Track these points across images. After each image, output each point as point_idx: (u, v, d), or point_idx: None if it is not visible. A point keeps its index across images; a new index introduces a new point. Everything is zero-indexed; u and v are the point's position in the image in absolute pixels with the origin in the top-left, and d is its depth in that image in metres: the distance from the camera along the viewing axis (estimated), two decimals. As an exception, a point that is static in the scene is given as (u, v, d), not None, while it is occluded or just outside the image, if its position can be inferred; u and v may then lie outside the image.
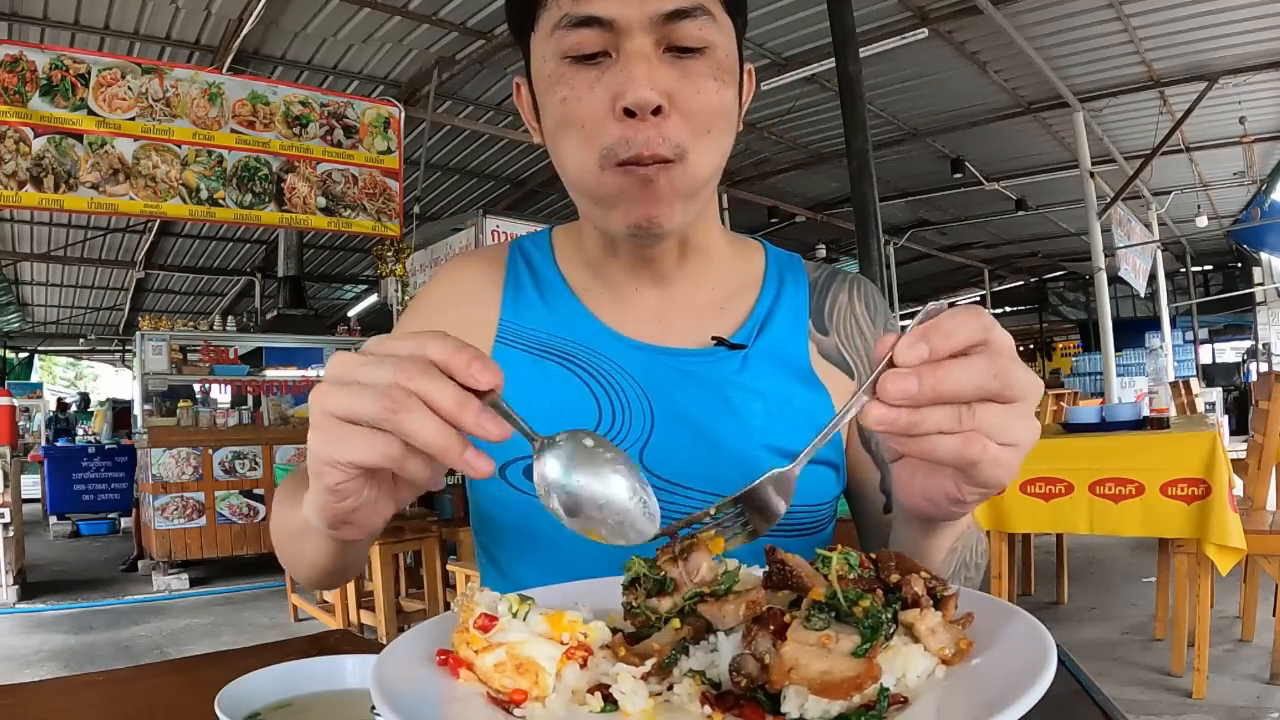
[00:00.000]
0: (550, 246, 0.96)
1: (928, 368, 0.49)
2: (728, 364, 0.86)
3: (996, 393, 0.50)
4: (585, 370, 0.85)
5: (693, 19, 0.72)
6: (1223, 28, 6.67)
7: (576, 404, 0.83)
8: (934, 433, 0.50)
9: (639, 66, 0.71)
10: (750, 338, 0.88)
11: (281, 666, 0.58)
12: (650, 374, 0.85)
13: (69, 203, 4.81)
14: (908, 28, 6.27)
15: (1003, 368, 0.50)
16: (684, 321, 0.88)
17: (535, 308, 0.90)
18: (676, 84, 0.72)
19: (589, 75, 0.73)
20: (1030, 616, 0.48)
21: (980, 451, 0.51)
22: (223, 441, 6.42)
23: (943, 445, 0.51)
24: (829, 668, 0.41)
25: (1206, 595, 2.84)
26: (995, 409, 0.51)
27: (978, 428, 0.51)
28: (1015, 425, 0.52)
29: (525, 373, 0.85)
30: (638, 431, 0.83)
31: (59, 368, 24.91)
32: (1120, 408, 3.62)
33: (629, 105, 0.70)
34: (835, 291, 0.95)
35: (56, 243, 10.61)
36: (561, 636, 0.49)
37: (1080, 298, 18.63)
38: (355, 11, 5.80)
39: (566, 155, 0.77)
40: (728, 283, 0.91)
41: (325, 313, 13.55)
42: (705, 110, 0.74)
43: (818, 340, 0.91)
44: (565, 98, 0.74)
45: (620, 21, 0.71)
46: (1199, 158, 9.93)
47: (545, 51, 0.76)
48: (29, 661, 4.30)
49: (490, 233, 6.27)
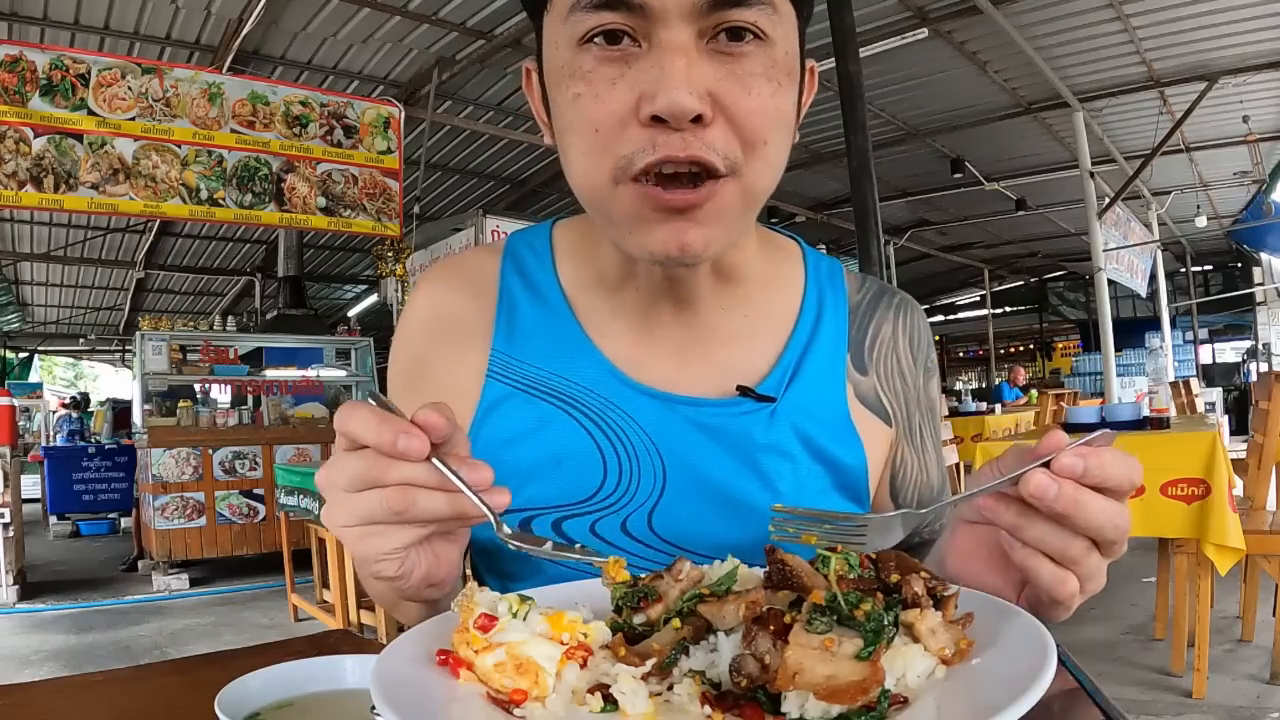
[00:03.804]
0: (551, 252, 0.81)
1: (1071, 485, 0.49)
2: (754, 420, 0.74)
3: (1106, 544, 0.51)
4: (590, 418, 0.74)
5: (747, 7, 0.58)
6: (1223, 28, 6.67)
7: (579, 457, 0.74)
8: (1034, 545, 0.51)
9: (675, 62, 0.56)
10: (781, 387, 0.76)
11: (281, 666, 0.58)
12: (664, 427, 0.74)
13: (69, 203, 4.81)
14: (908, 28, 6.27)
15: (1126, 525, 0.51)
16: (706, 360, 0.76)
17: (532, 337, 0.77)
18: (723, 84, 0.58)
19: (611, 69, 0.59)
20: (1030, 616, 0.48)
21: (1069, 595, 0.51)
22: (223, 441, 6.42)
23: (1043, 570, 0.51)
24: (833, 672, 0.41)
25: (1206, 595, 2.84)
26: (1098, 559, 0.51)
27: (1076, 567, 0.51)
28: (1099, 575, 0.52)
29: (522, 417, 0.75)
30: (646, 492, 0.73)
31: (59, 368, 24.91)
32: (1120, 408, 3.63)
33: (660, 112, 0.56)
34: (879, 322, 0.83)
35: (56, 243, 10.61)
36: (561, 636, 0.49)
37: (1080, 298, 18.63)
38: (355, 11, 5.80)
39: (574, 166, 0.63)
40: (761, 309, 0.79)
41: (325, 313, 13.55)
42: (759, 116, 0.60)
43: (855, 381, 0.80)
44: (579, 94, 0.60)
45: (655, 4, 0.57)
46: (1199, 158, 9.93)
47: (559, 36, 0.61)
48: (29, 661, 4.29)
49: (490, 232, 6.27)
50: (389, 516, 0.50)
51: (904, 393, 0.82)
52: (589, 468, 0.74)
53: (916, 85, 7.57)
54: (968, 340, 21.65)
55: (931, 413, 0.86)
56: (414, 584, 0.55)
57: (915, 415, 0.84)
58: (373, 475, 0.49)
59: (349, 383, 7.78)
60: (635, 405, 0.74)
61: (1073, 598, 0.52)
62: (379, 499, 0.50)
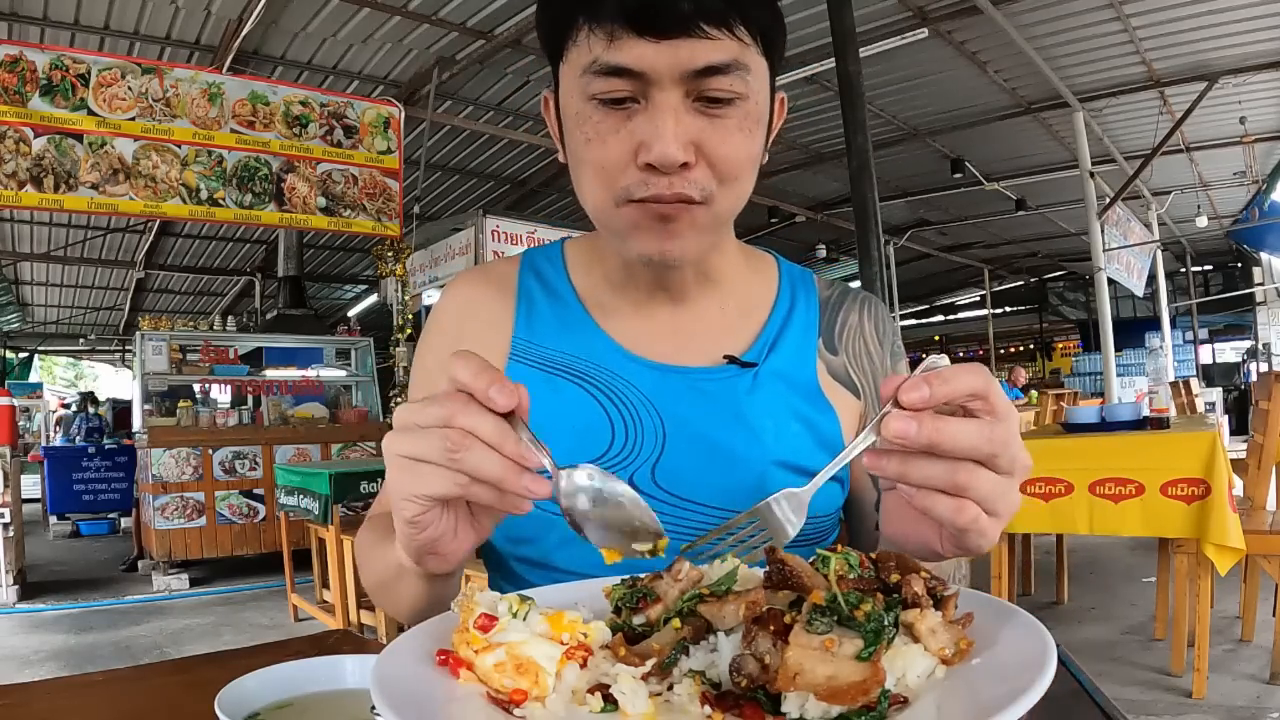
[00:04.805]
0: (563, 261, 0.95)
1: (928, 416, 0.50)
2: (739, 382, 0.86)
3: (989, 457, 0.52)
4: (599, 390, 0.85)
5: (725, 75, 0.70)
6: (1223, 28, 6.67)
7: (591, 423, 0.84)
8: (923, 484, 0.52)
9: (666, 121, 0.69)
10: (761, 356, 0.88)
11: (281, 666, 0.58)
12: (663, 392, 0.85)
13: (69, 203, 4.81)
14: (908, 28, 6.27)
15: (1001, 436, 0.51)
16: (698, 339, 0.89)
17: (548, 325, 0.90)
18: (704, 135, 0.71)
19: (614, 120, 0.72)
20: (1030, 616, 0.48)
21: (971, 521, 0.52)
22: (223, 441, 6.42)
23: (938, 505, 0.52)
24: (834, 672, 0.41)
25: (1206, 595, 2.84)
26: (988, 477, 0.52)
27: (968, 492, 0.52)
28: (1005, 497, 0.53)
29: (539, 391, 0.84)
30: (649, 449, 0.83)
31: (59, 368, 24.91)
32: (1120, 408, 3.62)
33: (653, 161, 0.70)
34: (846, 311, 0.95)
35: (56, 243, 10.61)
36: (561, 636, 0.49)
37: (1080, 298, 18.63)
38: (355, 11, 5.80)
39: (584, 189, 0.78)
40: (741, 301, 0.92)
41: (325, 313, 13.55)
42: (732, 161, 0.73)
43: (827, 360, 0.92)
44: (589, 140, 0.73)
45: (651, 74, 0.69)
46: (1199, 158, 9.93)
47: (574, 86, 0.74)
48: (29, 661, 4.30)
49: (490, 232, 6.28)
50: (441, 456, 0.53)
51: (872, 370, 0.93)
52: (598, 431, 0.84)
53: (916, 85, 7.56)
54: (968, 340, 21.62)
55: None
56: (423, 540, 0.58)
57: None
58: (448, 413, 0.53)
59: (349, 383, 7.78)
60: (637, 375, 0.86)
61: (976, 522, 0.52)
62: (440, 437, 0.53)
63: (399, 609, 0.74)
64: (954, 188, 10.13)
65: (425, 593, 0.68)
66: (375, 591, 0.78)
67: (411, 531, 0.58)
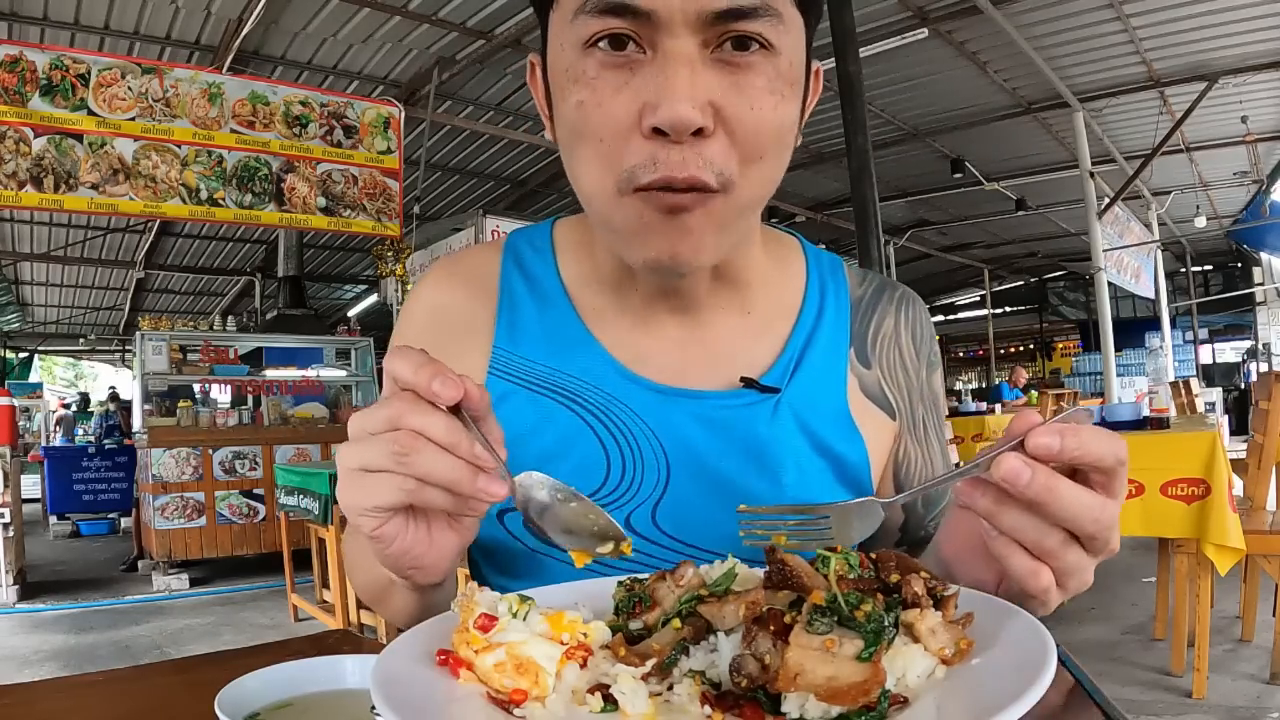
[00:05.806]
0: (552, 250, 0.81)
1: (1045, 470, 0.47)
2: (758, 411, 0.74)
3: (1086, 537, 0.48)
4: (592, 414, 0.74)
5: (753, 19, 0.57)
6: (1223, 28, 6.67)
7: (582, 452, 0.73)
8: (1009, 533, 0.49)
9: (679, 73, 0.56)
10: (784, 378, 0.75)
11: (281, 666, 0.58)
12: (667, 421, 0.73)
13: (69, 203, 4.80)
14: (908, 28, 6.27)
15: (1109, 519, 0.48)
16: (708, 354, 0.76)
17: (534, 334, 0.77)
18: (726, 95, 0.58)
19: (615, 76, 0.58)
20: (1030, 616, 0.48)
21: (1042, 589, 0.49)
22: (223, 441, 6.42)
23: (1014, 559, 0.49)
24: (834, 673, 0.41)
25: (1206, 595, 2.84)
26: (1077, 553, 0.49)
27: (1052, 560, 0.49)
28: (1081, 574, 0.50)
29: (522, 413, 0.74)
30: (650, 486, 0.73)
31: (59, 368, 24.91)
32: (1120, 408, 3.62)
33: (661, 124, 0.56)
34: (881, 315, 0.82)
35: (56, 243, 10.61)
36: (561, 636, 0.49)
37: (1080, 298, 18.63)
38: (355, 11, 5.80)
39: (579, 172, 0.63)
40: (764, 309, 0.79)
41: (325, 313, 13.54)
42: (760, 131, 0.60)
43: (859, 374, 0.79)
44: (583, 101, 0.60)
45: (661, 12, 0.56)
46: (1199, 158, 9.93)
47: (565, 37, 0.61)
48: (29, 661, 4.29)
49: (490, 232, 6.27)
50: (389, 461, 0.49)
51: (907, 385, 0.82)
52: (592, 463, 0.73)
53: (916, 85, 7.56)
54: (968, 340, 21.63)
55: (935, 406, 0.86)
56: (394, 554, 0.54)
57: (919, 408, 0.83)
58: (395, 414, 0.49)
59: (349, 383, 7.77)
60: (638, 399, 0.74)
61: (1047, 593, 0.50)
62: (388, 441, 0.49)
63: (394, 619, 0.70)
64: (954, 188, 10.13)
65: (416, 603, 0.63)
66: (368, 601, 0.74)
67: (380, 547, 0.53)
